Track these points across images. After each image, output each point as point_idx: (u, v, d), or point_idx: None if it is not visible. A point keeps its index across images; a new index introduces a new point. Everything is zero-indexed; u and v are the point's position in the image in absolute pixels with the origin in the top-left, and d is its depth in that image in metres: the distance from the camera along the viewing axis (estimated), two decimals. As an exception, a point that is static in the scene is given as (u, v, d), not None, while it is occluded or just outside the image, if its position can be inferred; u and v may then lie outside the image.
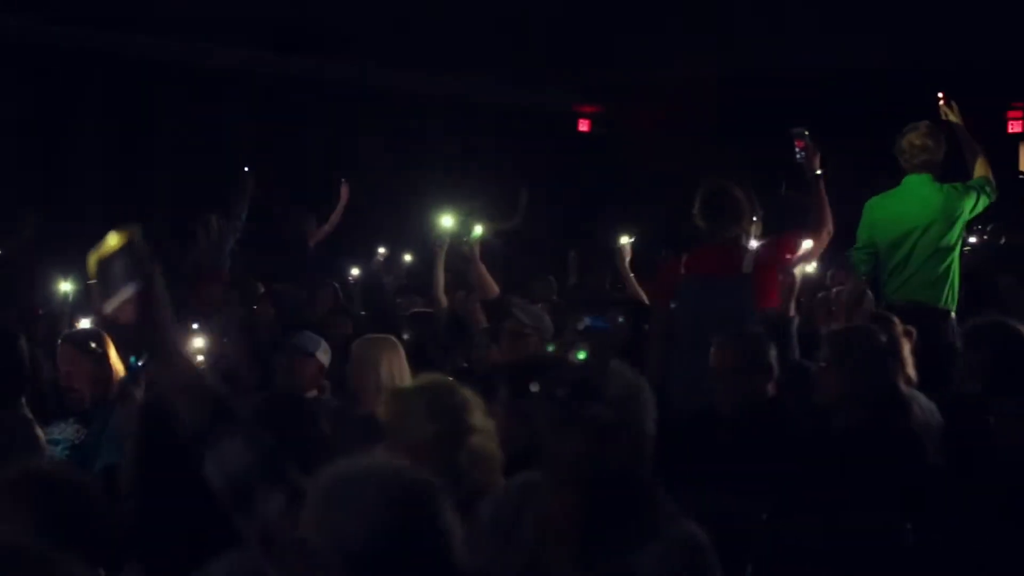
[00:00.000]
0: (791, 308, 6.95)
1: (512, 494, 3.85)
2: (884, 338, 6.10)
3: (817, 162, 7.78)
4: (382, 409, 4.53)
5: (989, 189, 8.91)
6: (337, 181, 15.46)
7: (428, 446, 4.29)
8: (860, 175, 11.97)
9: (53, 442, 6.50)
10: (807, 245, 7.10)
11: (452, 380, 4.71)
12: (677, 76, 18.57)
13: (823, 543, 5.09)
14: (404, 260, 15.32)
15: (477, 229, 10.18)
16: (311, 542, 2.94)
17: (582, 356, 7.52)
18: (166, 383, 3.52)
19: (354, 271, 13.47)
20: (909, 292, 8.76)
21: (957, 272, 8.82)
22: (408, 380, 6.60)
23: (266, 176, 14.85)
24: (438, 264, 10.87)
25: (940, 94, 9.31)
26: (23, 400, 6.33)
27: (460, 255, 10.32)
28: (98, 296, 3.17)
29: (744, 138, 18.03)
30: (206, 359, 6.92)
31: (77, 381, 6.83)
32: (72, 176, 16.13)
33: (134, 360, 6.55)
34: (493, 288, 10.16)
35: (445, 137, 18.44)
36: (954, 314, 8.73)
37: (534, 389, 3.85)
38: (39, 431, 6.17)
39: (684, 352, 7.31)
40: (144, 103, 16.79)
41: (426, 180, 15.08)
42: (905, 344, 6.34)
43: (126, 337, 3.26)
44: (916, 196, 8.86)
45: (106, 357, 6.88)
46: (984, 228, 14.98)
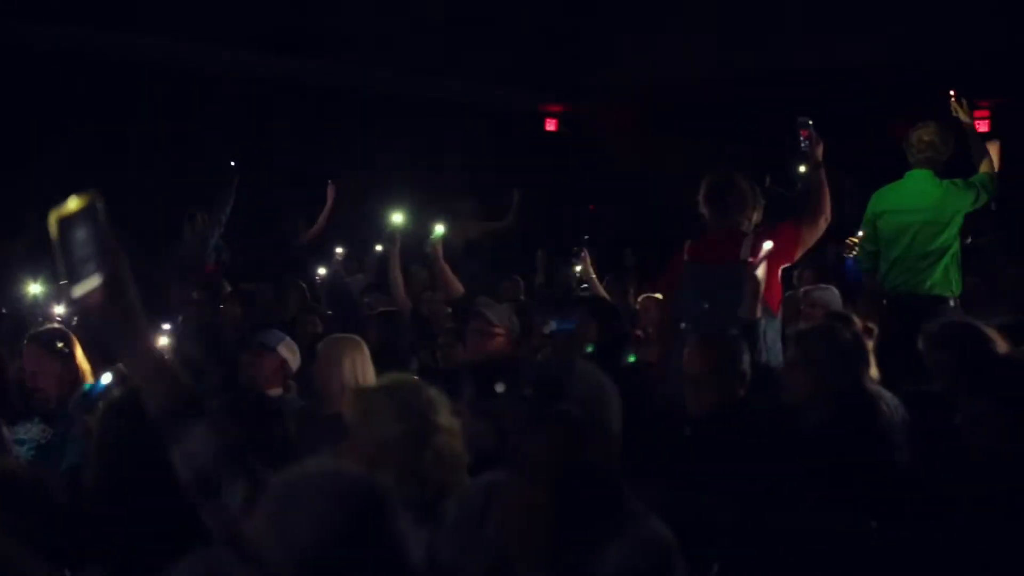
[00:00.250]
0: (757, 309, 6.95)
1: (478, 494, 3.85)
2: (848, 336, 6.13)
3: (820, 151, 7.93)
4: (347, 408, 4.52)
5: (991, 186, 9.30)
6: (313, 181, 15.50)
7: (394, 446, 4.28)
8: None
9: (19, 442, 6.46)
10: (767, 247, 7.12)
11: (418, 379, 4.70)
12: (644, 77, 18.59)
13: (789, 542, 5.10)
14: (375, 258, 15.30)
15: (438, 229, 10.17)
16: (264, 544, 2.94)
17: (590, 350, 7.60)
18: (136, 371, 3.50)
19: (321, 271, 13.46)
20: (909, 283, 9.15)
21: (957, 263, 9.20)
22: (373, 379, 6.59)
23: (251, 178, 14.96)
24: (394, 264, 10.86)
25: (952, 92, 9.75)
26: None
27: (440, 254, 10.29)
28: (60, 263, 3.12)
29: (711, 137, 18.07)
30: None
31: (43, 381, 6.79)
32: (48, 178, 16.00)
33: (88, 387, 6.52)
34: (458, 287, 10.15)
35: (411, 136, 18.38)
36: (953, 302, 9.10)
37: (499, 389, 3.85)
38: (5, 431, 6.12)
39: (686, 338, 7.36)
40: (126, 103, 16.72)
41: (391, 179, 15.02)
42: (868, 342, 6.34)
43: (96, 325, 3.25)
44: (917, 190, 9.26)
45: (72, 357, 6.84)
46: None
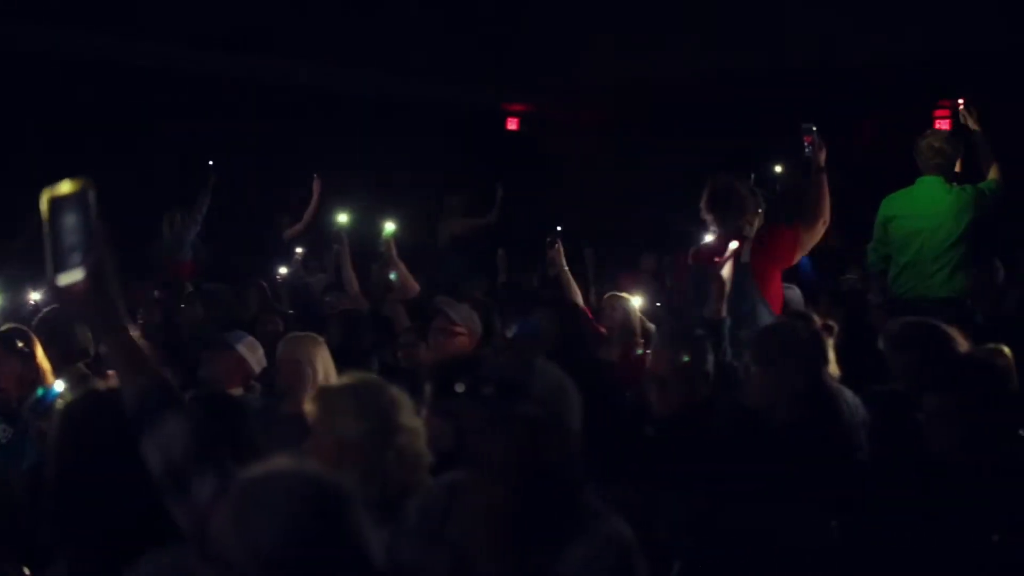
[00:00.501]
0: (723, 309, 6.98)
1: (439, 493, 3.84)
2: (805, 334, 6.14)
3: (823, 156, 8.18)
4: (309, 407, 4.50)
5: (999, 192, 9.49)
6: (272, 180, 15.54)
7: (356, 445, 4.28)
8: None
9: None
10: (732, 247, 7.18)
11: (380, 378, 4.70)
12: (607, 76, 18.60)
13: (750, 541, 5.11)
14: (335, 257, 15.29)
15: (388, 227, 10.18)
16: (226, 544, 2.94)
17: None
18: (113, 362, 3.49)
19: (282, 270, 13.45)
20: (918, 287, 9.34)
21: (965, 267, 9.39)
22: (334, 378, 6.57)
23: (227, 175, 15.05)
24: (344, 263, 10.89)
25: (960, 100, 9.98)
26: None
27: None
28: (47, 246, 3.12)
29: (675, 139, 18.07)
30: None
31: (3, 380, 6.77)
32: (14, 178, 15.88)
33: (41, 392, 6.48)
34: (413, 286, 10.18)
35: (372, 135, 18.33)
36: (962, 305, 9.26)
37: (459, 389, 3.84)
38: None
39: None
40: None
41: (353, 178, 14.98)
42: (828, 340, 6.35)
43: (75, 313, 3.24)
44: (928, 196, 9.46)
45: (33, 356, 6.82)
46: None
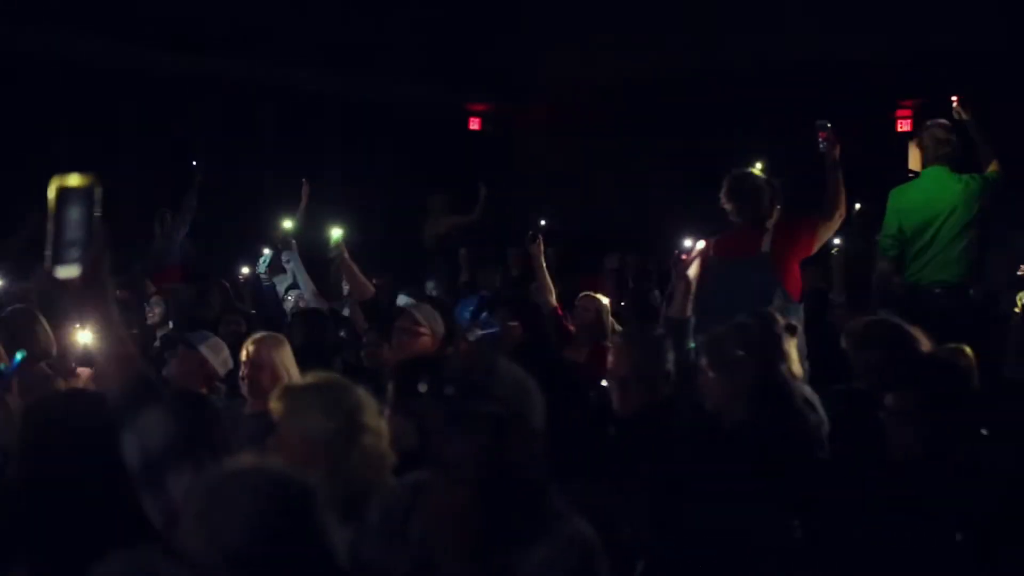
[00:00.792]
0: (687, 308, 6.98)
1: (402, 494, 3.83)
2: (757, 333, 6.12)
3: (837, 151, 8.37)
4: (274, 405, 4.48)
5: (1000, 180, 9.74)
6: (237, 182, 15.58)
7: (320, 444, 4.26)
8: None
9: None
10: (700, 246, 7.19)
11: (345, 378, 4.68)
12: (569, 76, 18.61)
13: (712, 540, 5.11)
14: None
15: (336, 232, 10.19)
16: (191, 542, 2.93)
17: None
18: (102, 352, 3.50)
19: (244, 270, 13.39)
20: (932, 272, 9.62)
21: (977, 252, 9.67)
22: (297, 377, 6.54)
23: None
24: (299, 266, 10.98)
25: (954, 96, 10.11)
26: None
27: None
28: (49, 236, 3.12)
29: (639, 138, 18.09)
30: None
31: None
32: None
33: (2, 367, 6.43)
34: (368, 288, 10.19)
35: (334, 135, 18.29)
36: (972, 291, 9.71)
37: (422, 389, 3.84)
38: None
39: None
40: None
41: (313, 178, 14.92)
42: (790, 339, 6.34)
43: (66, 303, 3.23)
44: (939, 185, 9.70)
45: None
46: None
